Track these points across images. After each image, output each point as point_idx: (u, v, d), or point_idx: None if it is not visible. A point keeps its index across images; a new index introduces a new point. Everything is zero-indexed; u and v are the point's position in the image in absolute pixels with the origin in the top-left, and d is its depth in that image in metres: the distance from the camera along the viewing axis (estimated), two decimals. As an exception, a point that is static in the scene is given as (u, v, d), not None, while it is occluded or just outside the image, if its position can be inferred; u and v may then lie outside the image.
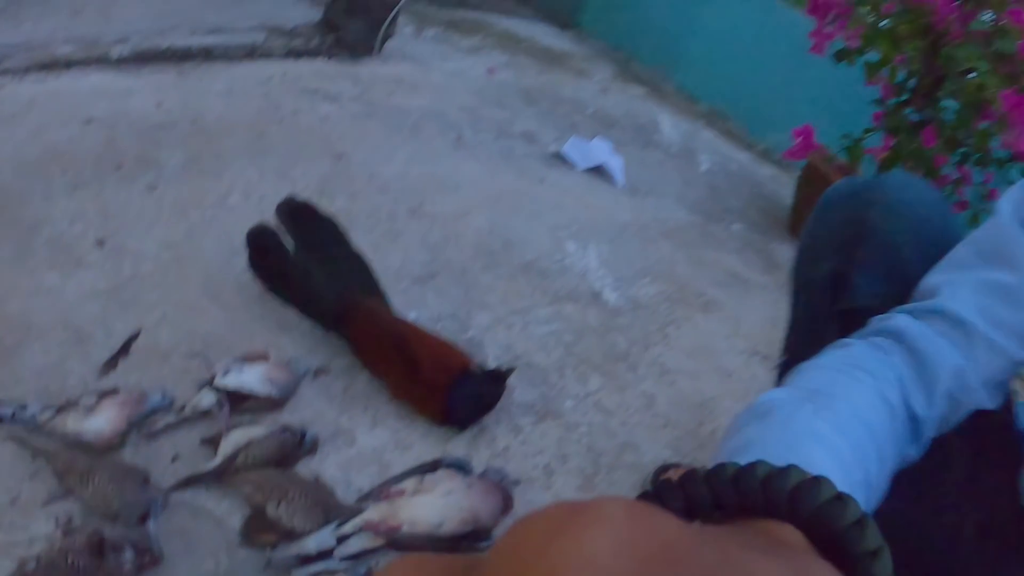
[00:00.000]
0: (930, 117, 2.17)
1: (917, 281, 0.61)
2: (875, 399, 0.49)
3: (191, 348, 1.02)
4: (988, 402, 0.56)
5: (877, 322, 0.57)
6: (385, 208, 1.56)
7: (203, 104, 1.79)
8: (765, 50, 3.69)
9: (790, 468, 0.24)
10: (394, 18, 2.50)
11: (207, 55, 2.05)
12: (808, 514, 0.23)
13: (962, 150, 2.15)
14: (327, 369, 1.04)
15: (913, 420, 0.52)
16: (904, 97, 2.23)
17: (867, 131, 2.28)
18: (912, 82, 2.23)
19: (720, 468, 0.25)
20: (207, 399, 0.89)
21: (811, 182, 2.38)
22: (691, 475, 0.25)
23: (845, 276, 0.66)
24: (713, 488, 0.25)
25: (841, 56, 2.29)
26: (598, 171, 2.24)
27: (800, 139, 2.31)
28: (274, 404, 0.92)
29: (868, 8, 2.15)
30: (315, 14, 2.48)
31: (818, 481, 0.24)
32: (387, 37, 2.51)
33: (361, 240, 1.28)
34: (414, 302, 1.26)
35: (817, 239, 0.72)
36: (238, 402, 0.90)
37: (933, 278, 0.60)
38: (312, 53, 2.22)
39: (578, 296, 1.50)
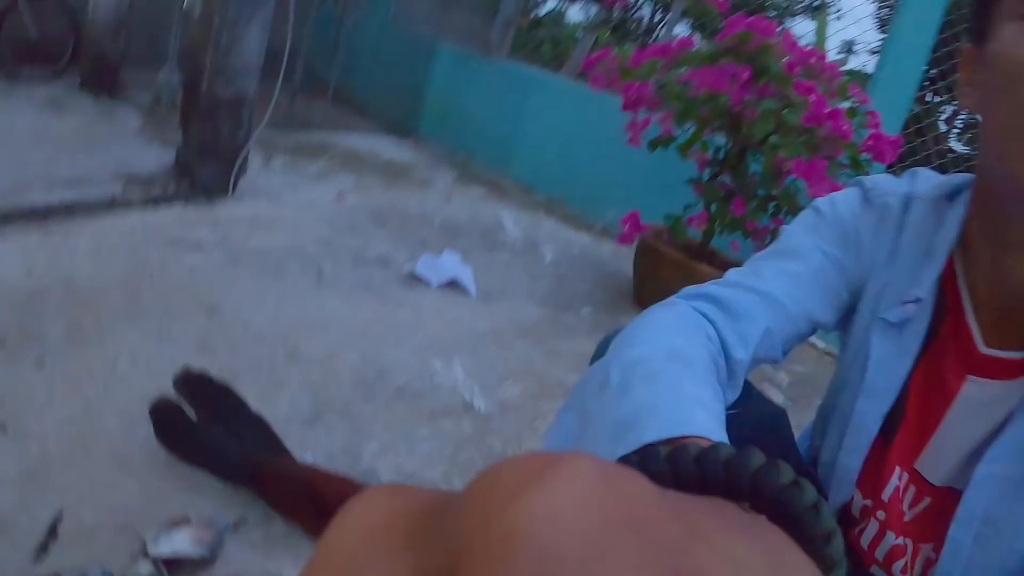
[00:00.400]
0: (740, 184, 2.61)
1: None
2: (708, 356, 0.58)
3: (115, 522, 1.14)
4: (780, 358, 0.71)
5: (693, 289, 0.68)
6: (264, 358, 1.72)
7: (73, 266, 1.89)
8: (592, 136, 4.15)
9: (751, 451, 0.25)
10: (245, 157, 2.69)
11: (69, 211, 2.15)
12: (770, 496, 0.24)
13: (773, 204, 2.58)
14: (245, 520, 1.19)
15: (730, 364, 0.63)
16: (716, 169, 2.69)
17: (686, 207, 2.70)
18: (721, 154, 2.69)
19: (683, 448, 0.26)
20: (145, 569, 1.02)
21: (646, 255, 2.77)
22: (652, 452, 0.26)
23: None
24: (675, 467, 0.26)
25: (655, 144, 2.72)
26: (452, 285, 2.50)
27: (628, 225, 2.70)
28: (206, 563, 1.06)
29: (675, 98, 2.56)
30: (167, 155, 2.63)
31: (777, 464, 0.25)
32: (239, 176, 2.69)
33: (247, 391, 1.44)
34: (307, 444, 1.43)
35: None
36: (173, 567, 1.03)
37: (738, 271, 0.73)
38: (170, 200, 2.37)
39: (452, 410, 1.72)
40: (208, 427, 1.29)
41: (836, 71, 2.55)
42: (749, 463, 0.24)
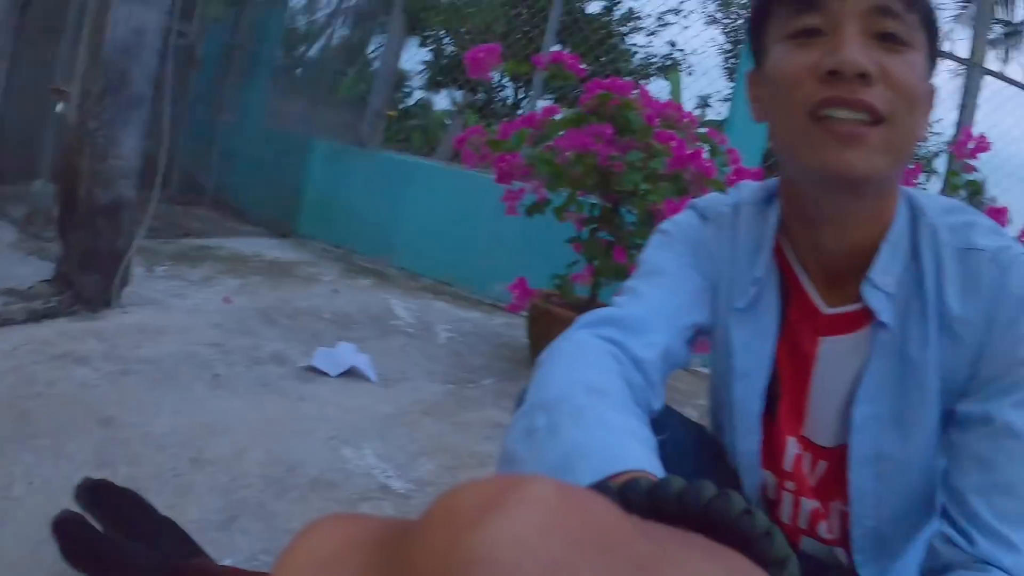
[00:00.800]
0: (618, 235, 2.78)
1: None
2: (623, 381, 0.65)
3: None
4: (687, 359, 0.81)
5: (587, 317, 0.75)
6: (167, 465, 1.68)
7: (-48, 389, 1.79)
8: (471, 214, 4.29)
9: (702, 483, 0.26)
10: (127, 265, 2.64)
11: (-50, 328, 2.04)
12: (723, 525, 0.24)
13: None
14: (165, 631, 1.16)
15: (645, 373, 0.70)
16: (593, 226, 2.85)
17: (570, 266, 2.85)
18: (596, 211, 2.86)
19: (633, 482, 0.27)
20: None
21: (538, 318, 2.87)
22: (603, 487, 0.27)
23: None
24: (628, 500, 0.26)
25: (532, 210, 2.87)
26: (351, 373, 2.51)
27: (516, 292, 2.81)
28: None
29: (545, 164, 2.73)
30: (46, 268, 2.54)
31: (728, 494, 0.25)
32: (122, 285, 2.63)
33: (154, 501, 1.41)
34: (224, 548, 1.40)
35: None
36: None
37: (618, 297, 0.81)
38: (53, 313, 2.29)
39: (369, 495, 1.73)
40: (118, 536, 1.25)
41: (693, 119, 2.83)
42: (701, 494, 0.25)
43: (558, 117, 2.81)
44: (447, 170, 4.76)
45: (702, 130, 2.83)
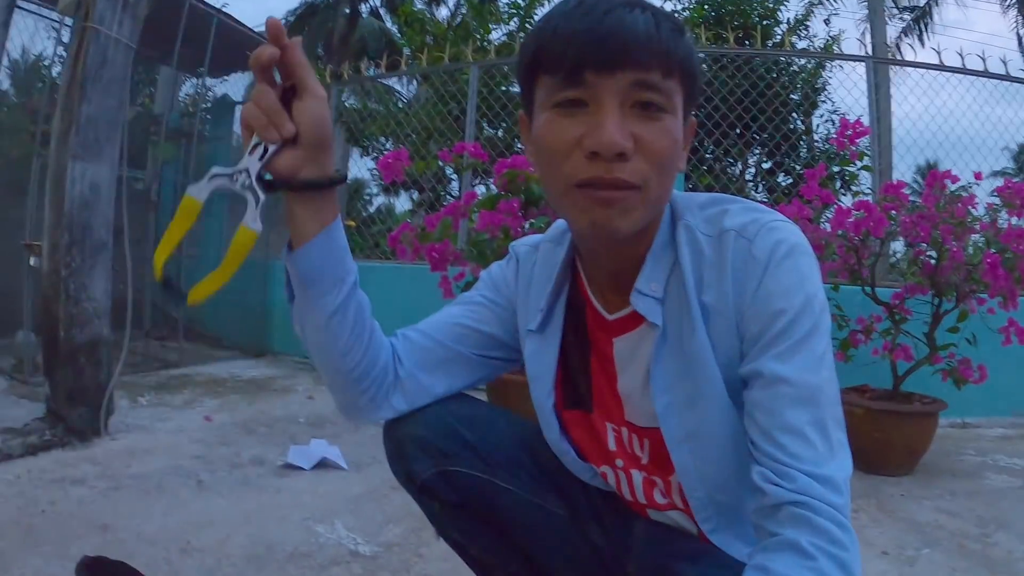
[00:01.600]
0: None
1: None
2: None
3: None
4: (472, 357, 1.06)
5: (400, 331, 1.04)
6: (159, 556, 1.91)
7: (-37, 516, 2.02)
8: (424, 303, 4.53)
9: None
10: (110, 396, 2.90)
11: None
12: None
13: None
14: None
15: (400, 379, 1.02)
16: None
17: None
18: None
19: None
20: None
21: (496, 389, 2.99)
22: None
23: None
24: None
25: (468, 288, 3.08)
26: (324, 465, 2.75)
27: None
28: None
29: (471, 245, 2.95)
30: (37, 408, 2.80)
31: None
32: (109, 415, 2.89)
33: (148, 585, 1.64)
34: (213, 610, 1.63)
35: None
36: None
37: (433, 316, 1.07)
38: (48, 446, 2.55)
39: (339, 560, 1.95)
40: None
41: None
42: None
43: (476, 200, 3.08)
44: (401, 268, 5.09)
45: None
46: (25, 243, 3.64)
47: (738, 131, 5.08)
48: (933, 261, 2.71)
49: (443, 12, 17.58)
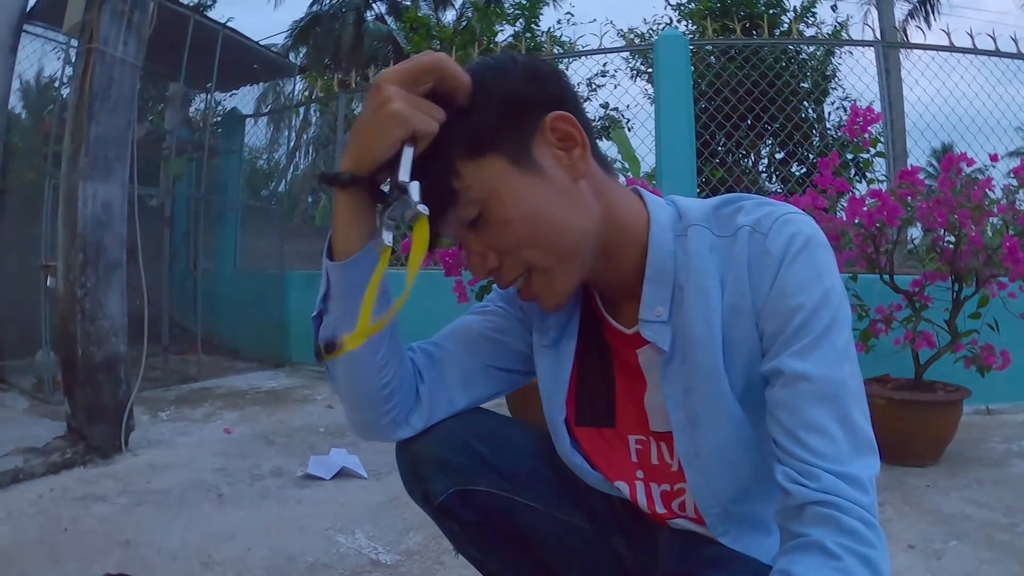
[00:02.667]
0: None
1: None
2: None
3: None
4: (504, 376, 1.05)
5: (417, 344, 1.00)
6: (181, 571, 1.91)
7: (-9, 533, 2.04)
8: (439, 310, 4.57)
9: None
10: (130, 412, 2.92)
11: (-24, 487, 2.31)
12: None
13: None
14: None
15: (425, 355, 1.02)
16: None
17: None
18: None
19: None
20: None
21: (514, 393, 3.07)
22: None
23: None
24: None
25: (480, 293, 3.12)
26: (344, 474, 2.76)
27: None
28: None
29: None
30: (58, 426, 2.83)
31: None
32: (129, 431, 2.91)
33: (171, 600, 1.65)
34: (235, 624, 1.64)
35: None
36: None
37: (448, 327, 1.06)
38: (70, 464, 2.58)
39: (360, 570, 1.95)
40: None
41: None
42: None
43: None
44: (423, 275, 5.09)
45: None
46: (41, 264, 3.68)
47: (749, 122, 5.04)
48: (952, 247, 2.66)
49: (449, 16, 17.62)
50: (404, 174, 0.73)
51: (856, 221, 2.72)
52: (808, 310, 0.75)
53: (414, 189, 0.73)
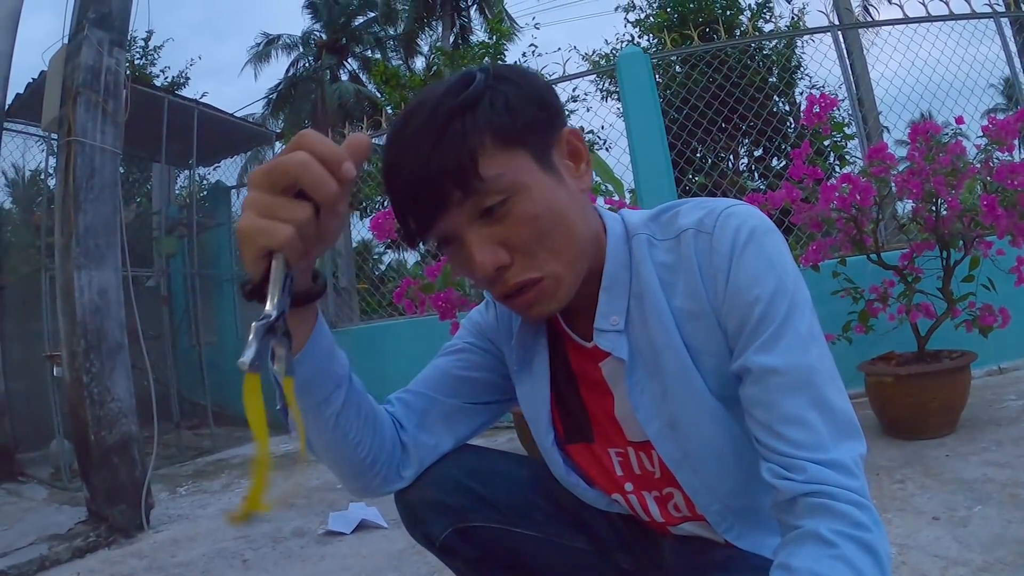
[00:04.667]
0: None
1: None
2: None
3: None
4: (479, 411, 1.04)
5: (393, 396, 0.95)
6: (213, 639, 1.92)
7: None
8: (430, 356, 4.52)
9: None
10: (148, 490, 2.93)
11: (5, 577, 2.32)
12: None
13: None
14: None
15: (404, 445, 0.97)
16: None
17: None
18: None
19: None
20: None
21: (521, 424, 3.08)
22: None
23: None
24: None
25: None
26: (364, 526, 2.75)
27: None
28: None
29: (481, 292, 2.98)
30: (79, 511, 2.85)
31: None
32: (149, 508, 2.92)
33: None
34: None
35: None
36: None
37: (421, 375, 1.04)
38: (94, 548, 2.61)
39: (387, 619, 1.95)
40: None
41: (592, 197, 3.13)
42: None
43: None
44: (418, 322, 5.11)
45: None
46: (46, 354, 3.72)
47: (721, 125, 5.10)
48: (933, 215, 2.68)
49: (419, 63, 17.93)
50: (270, 302, 0.61)
51: (833, 206, 2.74)
52: (765, 301, 0.75)
53: (254, 334, 0.59)
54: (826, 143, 3.50)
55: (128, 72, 3.35)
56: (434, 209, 0.75)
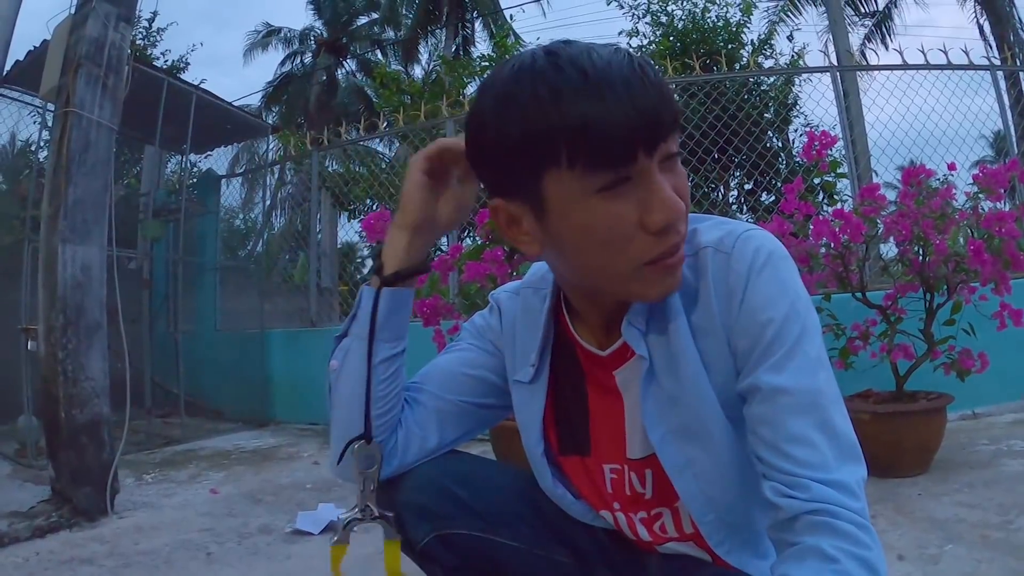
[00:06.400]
0: None
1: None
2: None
3: None
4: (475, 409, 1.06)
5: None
6: (172, 629, 1.88)
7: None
8: (424, 360, 4.53)
9: None
10: (115, 475, 2.88)
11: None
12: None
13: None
14: None
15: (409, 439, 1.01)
16: None
17: None
18: None
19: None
20: None
21: (500, 437, 2.95)
22: None
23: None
24: None
25: None
26: (332, 528, 2.71)
27: None
28: None
29: (462, 296, 2.97)
30: (43, 490, 2.78)
31: None
32: (114, 493, 2.86)
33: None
34: None
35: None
36: None
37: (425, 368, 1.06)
38: (55, 528, 2.55)
39: (352, 621, 1.92)
40: None
41: None
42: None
43: (463, 252, 3.07)
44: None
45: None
46: (22, 328, 3.65)
47: (714, 156, 5.15)
48: (919, 257, 2.73)
49: (417, 71, 17.96)
50: (360, 499, 0.96)
51: (823, 241, 2.78)
52: (778, 323, 0.77)
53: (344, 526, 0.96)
54: (816, 180, 3.56)
55: (130, 50, 3.32)
56: (659, 139, 0.72)
